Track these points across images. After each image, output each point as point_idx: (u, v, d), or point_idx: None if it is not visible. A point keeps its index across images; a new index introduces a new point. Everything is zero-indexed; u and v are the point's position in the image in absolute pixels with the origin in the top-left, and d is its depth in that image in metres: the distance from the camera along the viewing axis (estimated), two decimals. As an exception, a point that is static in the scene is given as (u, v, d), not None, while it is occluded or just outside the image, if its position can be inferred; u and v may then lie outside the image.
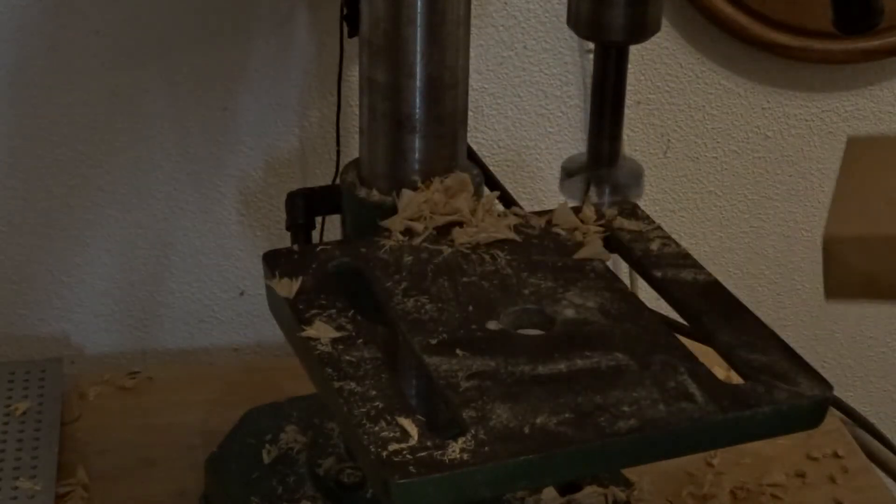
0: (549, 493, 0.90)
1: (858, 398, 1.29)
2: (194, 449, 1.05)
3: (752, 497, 1.04)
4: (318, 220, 0.95)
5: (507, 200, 1.03)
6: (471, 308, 0.77)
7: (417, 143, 0.86)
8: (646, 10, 0.71)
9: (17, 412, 1.05)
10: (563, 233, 0.85)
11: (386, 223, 0.84)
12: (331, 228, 1.04)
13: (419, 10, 0.82)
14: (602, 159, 0.78)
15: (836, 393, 1.21)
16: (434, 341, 0.73)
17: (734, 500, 1.04)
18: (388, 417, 0.67)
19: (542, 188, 1.23)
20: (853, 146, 0.77)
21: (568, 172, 0.78)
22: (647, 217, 0.87)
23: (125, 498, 1.00)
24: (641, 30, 0.72)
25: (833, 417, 1.17)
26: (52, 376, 1.10)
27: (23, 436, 1.03)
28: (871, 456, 1.19)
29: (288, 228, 0.94)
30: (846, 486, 1.06)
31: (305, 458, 0.95)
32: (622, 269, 1.02)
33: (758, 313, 0.78)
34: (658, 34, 0.79)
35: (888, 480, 1.20)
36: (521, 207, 0.89)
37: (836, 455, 1.09)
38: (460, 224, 0.84)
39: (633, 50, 0.83)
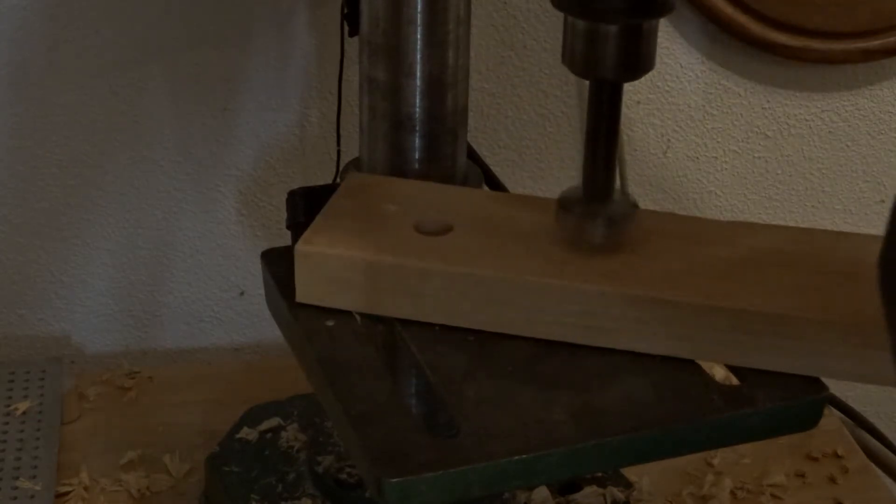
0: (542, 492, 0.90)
1: (858, 398, 1.29)
2: (194, 449, 1.05)
3: (752, 497, 1.04)
4: (318, 219, 0.95)
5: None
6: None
7: (417, 142, 0.86)
8: (639, 48, 0.72)
9: (18, 412, 1.05)
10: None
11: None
12: (330, 228, 1.04)
13: (419, 10, 0.82)
14: (595, 194, 0.77)
15: (836, 393, 1.22)
16: (431, 340, 0.73)
17: (734, 500, 1.04)
18: (383, 416, 0.67)
19: (542, 188, 1.22)
20: None
21: (563, 205, 0.78)
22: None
23: (125, 498, 1.00)
24: (635, 67, 0.73)
25: (833, 417, 1.16)
26: (52, 376, 1.10)
27: (23, 436, 1.03)
28: (871, 456, 1.18)
29: (288, 227, 0.94)
30: (846, 486, 1.06)
31: (305, 456, 0.95)
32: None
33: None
34: (658, 34, 0.79)
35: (888, 480, 1.19)
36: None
37: (836, 455, 1.09)
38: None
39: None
